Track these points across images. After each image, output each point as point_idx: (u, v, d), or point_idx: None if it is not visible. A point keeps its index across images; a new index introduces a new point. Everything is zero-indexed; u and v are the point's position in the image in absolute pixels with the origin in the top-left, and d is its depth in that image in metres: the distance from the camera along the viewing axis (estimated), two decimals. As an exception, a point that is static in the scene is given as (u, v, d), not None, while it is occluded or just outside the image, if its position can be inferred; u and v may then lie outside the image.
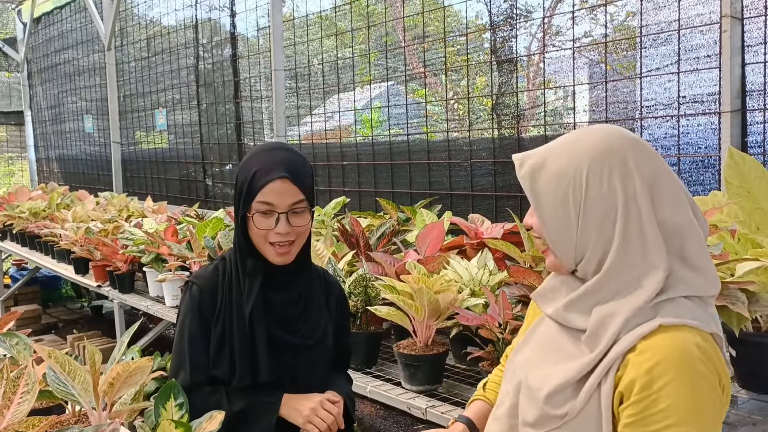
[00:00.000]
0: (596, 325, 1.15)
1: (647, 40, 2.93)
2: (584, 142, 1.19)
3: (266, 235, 1.64)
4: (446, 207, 3.77)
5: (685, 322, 1.11)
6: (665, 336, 1.09)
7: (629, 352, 1.11)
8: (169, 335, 6.54)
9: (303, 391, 1.75)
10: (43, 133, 9.68)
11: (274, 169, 1.61)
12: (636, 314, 1.12)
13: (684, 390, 1.06)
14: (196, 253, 3.56)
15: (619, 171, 1.15)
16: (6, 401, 1.37)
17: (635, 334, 1.11)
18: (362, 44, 4.68)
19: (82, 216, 5.18)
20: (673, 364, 1.07)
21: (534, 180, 1.20)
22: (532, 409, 1.20)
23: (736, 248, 2.08)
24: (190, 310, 1.71)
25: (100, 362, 1.52)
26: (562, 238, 1.19)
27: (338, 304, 1.89)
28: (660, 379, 1.07)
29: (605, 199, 1.15)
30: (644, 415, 1.08)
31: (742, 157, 2.15)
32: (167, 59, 6.71)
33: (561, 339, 1.23)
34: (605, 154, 1.16)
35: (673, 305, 1.13)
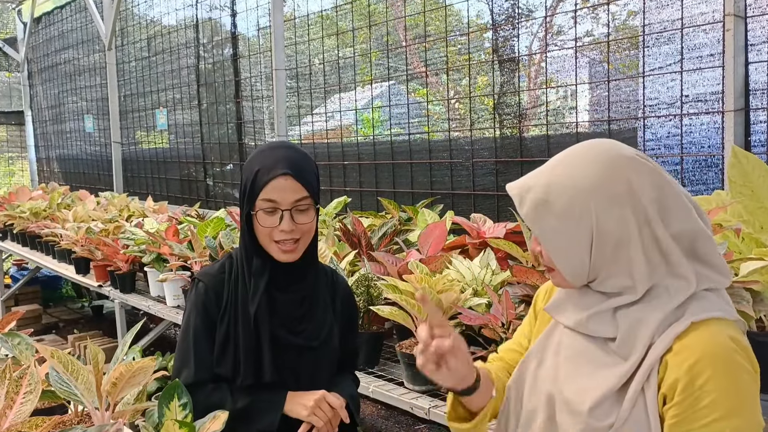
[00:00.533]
0: (627, 331, 1.16)
1: (650, 39, 2.92)
2: (584, 172, 1.18)
3: (271, 233, 1.63)
4: (448, 206, 3.77)
5: (714, 314, 1.14)
6: (699, 333, 1.12)
7: (666, 354, 1.13)
8: (169, 335, 6.54)
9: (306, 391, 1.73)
10: (44, 133, 9.68)
11: (276, 166, 1.61)
12: (666, 318, 1.14)
13: (725, 383, 1.08)
14: (198, 253, 3.56)
15: (626, 201, 1.15)
16: (9, 401, 1.37)
17: (669, 335, 1.13)
18: (363, 44, 4.67)
19: (83, 216, 5.18)
20: (711, 360, 1.09)
21: (539, 217, 1.20)
22: (575, 423, 1.19)
23: (740, 247, 2.07)
24: (196, 307, 1.71)
25: (103, 362, 1.51)
26: (573, 267, 1.20)
27: (345, 304, 1.87)
28: (701, 376, 1.09)
29: (618, 230, 1.16)
30: (690, 413, 1.10)
31: (746, 156, 2.14)
32: (168, 59, 6.71)
33: (589, 349, 1.22)
34: (610, 186, 1.16)
35: (698, 300, 1.16)
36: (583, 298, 1.24)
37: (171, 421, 1.27)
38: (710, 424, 1.08)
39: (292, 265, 1.70)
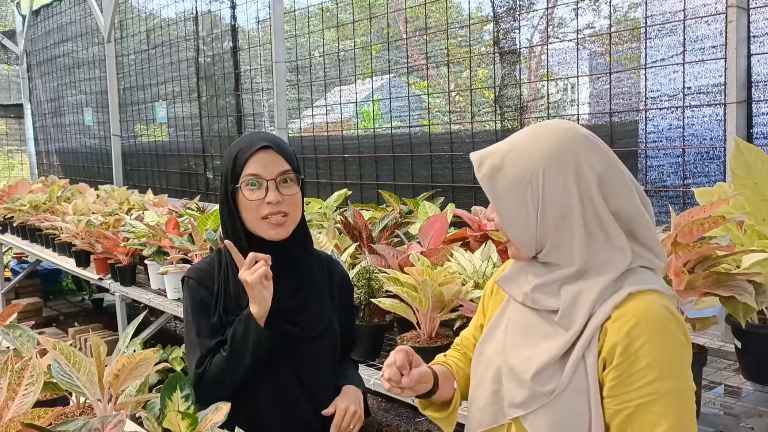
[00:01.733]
0: (568, 303, 1.23)
1: (652, 31, 2.91)
2: (539, 144, 1.25)
3: (258, 207, 1.61)
4: (448, 199, 3.77)
5: (650, 287, 1.21)
6: (636, 301, 1.19)
7: (605, 321, 1.20)
8: (170, 328, 6.54)
9: (307, 383, 1.72)
10: (43, 126, 9.66)
11: (256, 143, 1.62)
12: (605, 289, 1.21)
13: (659, 347, 1.16)
14: (198, 245, 3.55)
15: (573, 171, 1.22)
16: (11, 393, 1.37)
17: (609, 305, 1.20)
18: (363, 36, 4.66)
19: (83, 209, 5.17)
20: (647, 326, 1.16)
21: (493, 182, 1.26)
22: (519, 390, 1.25)
23: (743, 240, 2.07)
24: (192, 301, 1.70)
25: (105, 354, 1.51)
26: (521, 234, 1.27)
27: (342, 290, 1.85)
28: (638, 340, 1.16)
29: (562, 199, 1.22)
30: (627, 375, 1.16)
31: (749, 148, 2.14)
32: (167, 52, 6.69)
33: (535, 322, 1.29)
34: (559, 156, 1.23)
35: (635, 274, 1.23)
36: (531, 272, 1.30)
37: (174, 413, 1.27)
38: (645, 385, 1.15)
39: (283, 249, 1.66)
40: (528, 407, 1.23)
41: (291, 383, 1.70)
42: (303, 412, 1.72)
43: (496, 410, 1.31)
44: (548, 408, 1.22)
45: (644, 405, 1.16)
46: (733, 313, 1.90)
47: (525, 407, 1.24)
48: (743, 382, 2.10)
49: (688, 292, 1.87)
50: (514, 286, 1.34)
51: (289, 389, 1.70)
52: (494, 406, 1.31)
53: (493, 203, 1.29)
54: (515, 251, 1.32)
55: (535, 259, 1.30)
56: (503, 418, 1.30)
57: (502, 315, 1.39)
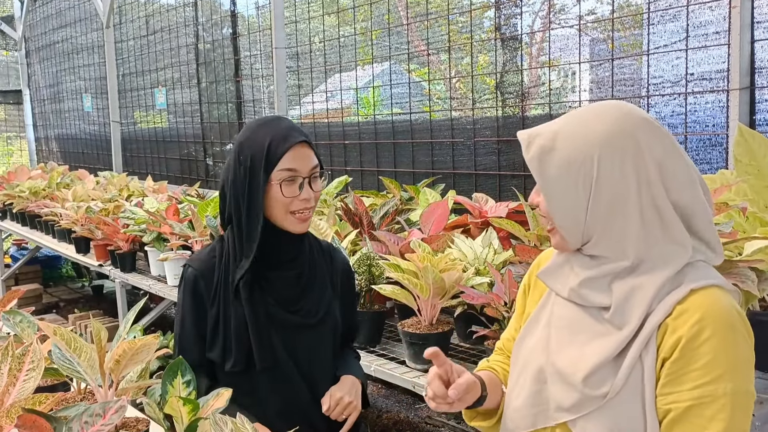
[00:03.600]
0: (622, 300, 1.14)
1: (655, 17, 2.89)
2: (595, 125, 1.16)
3: (291, 203, 1.61)
4: (449, 186, 3.76)
5: (713, 282, 1.13)
6: (700, 297, 1.11)
7: (666, 318, 1.12)
8: (170, 315, 6.54)
9: (307, 371, 1.72)
10: (42, 112, 9.62)
11: (291, 135, 1.59)
12: (664, 285, 1.13)
13: (724, 346, 1.08)
14: (198, 232, 3.55)
15: (631, 156, 1.13)
16: (12, 378, 1.36)
17: (669, 301, 1.12)
18: (364, 22, 4.63)
19: (83, 195, 5.16)
20: (713, 320, 1.08)
21: (542, 163, 1.18)
22: (568, 393, 1.18)
23: (745, 226, 2.07)
24: (185, 293, 1.71)
25: (106, 339, 1.50)
26: (570, 221, 1.18)
27: (344, 278, 1.86)
28: (702, 334, 1.08)
29: (618, 185, 1.14)
30: (683, 372, 1.09)
31: (752, 135, 2.13)
32: (166, 38, 6.65)
33: (582, 319, 1.20)
34: (617, 139, 1.14)
35: (695, 269, 1.15)
36: (577, 265, 1.22)
37: (175, 398, 1.26)
38: (700, 386, 1.08)
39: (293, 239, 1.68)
40: (578, 411, 1.16)
41: (290, 371, 1.70)
42: (302, 399, 1.72)
43: (537, 412, 1.24)
44: (600, 412, 1.14)
45: (696, 407, 1.08)
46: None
47: (575, 411, 1.17)
48: (744, 369, 2.10)
49: (689, 279, 1.87)
50: (557, 280, 1.25)
51: (288, 377, 1.70)
52: (535, 407, 1.24)
53: (540, 186, 1.20)
54: (559, 240, 1.23)
55: (580, 250, 1.22)
56: (546, 421, 1.22)
57: (543, 309, 1.31)
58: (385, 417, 4.20)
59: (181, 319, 1.70)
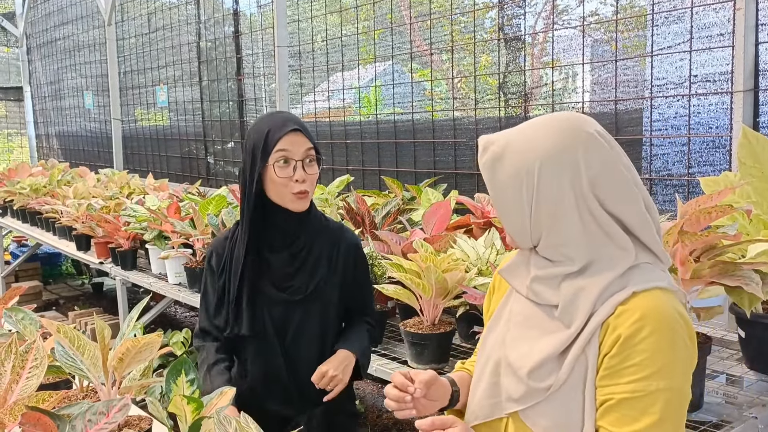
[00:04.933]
0: (568, 299, 1.20)
1: (659, 18, 2.89)
2: (540, 139, 1.21)
3: (286, 184, 1.80)
4: (451, 186, 3.75)
5: (656, 284, 1.18)
6: (641, 298, 1.16)
7: (608, 318, 1.17)
8: (170, 313, 6.55)
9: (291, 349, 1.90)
10: (43, 109, 9.62)
11: (286, 124, 1.80)
12: (608, 287, 1.18)
13: (660, 345, 1.13)
14: (199, 230, 3.54)
15: (568, 171, 1.18)
16: (15, 376, 1.36)
17: (612, 302, 1.17)
18: (366, 21, 4.62)
19: (84, 193, 5.16)
20: (652, 320, 1.13)
21: (492, 171, 1.24)
22: (516, 385, 1.25)
23: (748, 229, 2.06)
24: (205, 266, 2.01)
25: (110, 337, 1.50)
26: (516, 226, 1.25)
27: (348, 258, 1.99)
28: (641, 332, 1.13)
29: (556, 198, 1.19)
30: (619, 368, 1.14)
31: (756, 137, 2.13)
32: (168, 35, 6.64)
33: (535, 316, 1.27)
34: (558, 156, 1.19)
35: (640, 271, 1.20)
36: (533, 263, 1.27)
37: (179, 397, 1.26)
38: (633, 382, 1.13)
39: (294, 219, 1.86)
40: (525, 402, 1.23)
41: (272, 343, 1.89)
42: (280, 370, 1.91)
43: (494, 403, 1.30)
44: (546, 403, 1.21)
45: (629, 400, 1.14)
46: (739, 302, 1.90)
47: (522, 402, 1.23)
48: (746, 372, 2.10)
49: (693, 281, 1.87)
50: (515, 277, 1.32)
51: (270, 349, 1.90)
52: (492, 398, 1.30)
53: (489, 191, 1.28)
54: (511, 241, 1.31)
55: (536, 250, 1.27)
56: (500, 411, 1.29)
57: (505, 306, 1.37)
58: (385, 417, 4.20)
59: (203, 292, 2.01)
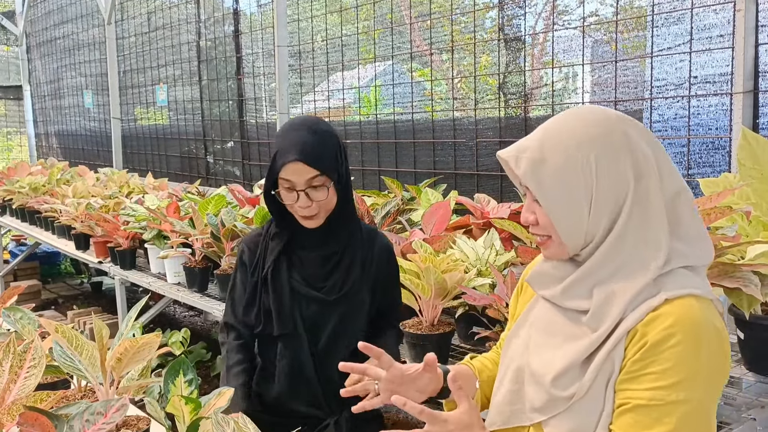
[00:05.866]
0: (599, 304, 1.15)
1: (659, 19, 2.88)
2: (582, 128, 1.16)
3: (291, 207, 1.83)
4: (451, 186, 3.75)
5: (689, 291, 1.12)
6: (673, 305, 1.11)
7: (637, 324, 1.12)
8: (169, 313, 6.54)
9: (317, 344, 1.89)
10: (42, 108, 9.61)
11: (289, 152, 1.77)
12: (641, 292, 1.13)
13: (685, 355, 1.07)
14: (199, 230, 3.54)
15: (624, 153, 1.14)
16: (13, 375, 1.36)
17: (642, 309, 1.12)
18: (366, 21, 4.62)
19: (83, 192, 5.15)
20: (681, 329, 1.08)
21: (537, 176, 1.17)
22: (539, 394, 1.21)
23: (748, 230, 2.06)
24: (236, 262, 2.01)
25: (108, 337, 1.50)
26: (572, 227, 1.17)
27: (380, 262, 1.99)
28: (671, 339, 1.08)
29: (618, 185, 1.14)
30: (639, 374, 1.10)
31: (756, 139, 2.12)
32: (168, 34, 6.64)
33: (560, 322, 1.22)
34: (607, 139, 1.15)
35: (674, 276, 1.14)
36: (559, 270, 1.24)
37: (177, 397, 1.26)
38: (655, 389, 1.08)
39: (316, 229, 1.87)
40: (548, 412, 1.18)
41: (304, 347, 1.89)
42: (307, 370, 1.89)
43: (513, 410, 1.26)
44: (568, 413, 1.16)
45: (645, 407, 1.09)
46: (737, 304, 1.90)
47: (545, 412, 1.19)
48: (745, 373, 2.10)
49: (692, 282, 1.86)
50: (543, 284, 1.27)
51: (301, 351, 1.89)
52: (512, 405, 1.27)
53: (539, 198, 1.18)
54: (556, 250, 1.22)
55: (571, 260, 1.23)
56: (522, 420, 1.25)
57: (529, 312, 1.33)
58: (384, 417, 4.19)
59: (231, 286, 2.01)
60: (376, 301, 1.98)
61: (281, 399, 1.91)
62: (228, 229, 3.32)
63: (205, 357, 4.85)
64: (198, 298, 3.57)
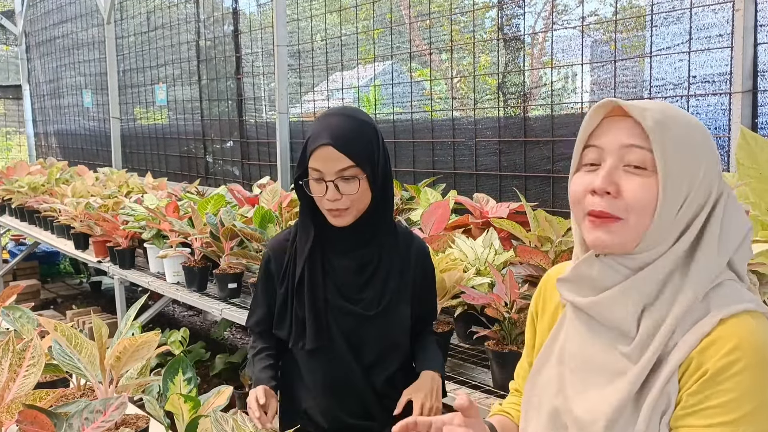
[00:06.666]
0: (647, 332, 1.01)
1: (658, 19, 2.89)
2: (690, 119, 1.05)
3: (320, 200, 1.65)
4: (450, 186, 3.75)
5: (744, 307, 0.98)
6: (731, 326, 0.97)
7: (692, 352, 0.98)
8: (168, 312, 6.54)
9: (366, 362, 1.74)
10: (42, 108, 9.60)
11: (321, 135, 1.61)
12: (689, 310, 1.00)
13: (753, 384, 0.94)
14: (198, 229, 3.54)
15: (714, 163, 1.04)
16: (12, 374, 1.36)
17: (696, 334, 0.98)
18: (365, 20, 4.62)
19: (82, 191, 5.16)
20: (746, 354, 0.94)
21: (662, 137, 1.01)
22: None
23: (746, 230, 2.06)
24: (261, 271, 1.84)
25: (107, 336, 1.50)
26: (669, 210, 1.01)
27: (417, 270, 1.82)
28: (734, 366, 0.94)
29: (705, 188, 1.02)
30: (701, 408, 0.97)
31: (754, 138, 2.13)
32: (167, 34, 6.64)
33: (598, 355, 1.07)
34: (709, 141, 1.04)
35: (724, 290, 1.01)
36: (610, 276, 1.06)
37: (176, 395, 1.26)
38: (717, 425, 0.95)
39: (349, 230, 1.69)
40: None
41: (347, 361, 1.73)
42: (360, 391, 1.74)
43: None
44: None
45: None
46: (736, 303, 1.89)
47: None
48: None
49: (691, 281, 1.86)
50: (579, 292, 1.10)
51: (345, 368, 1.73)
52: None
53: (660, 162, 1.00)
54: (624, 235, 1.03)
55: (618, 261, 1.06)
56: None
57: (555, 341, 1.17)
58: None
59: (256, 292, 1.86)
60: (416, 310, 1.82)
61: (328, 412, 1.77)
62: (227, 229, 3.33)
63: (204, 356, 4.85)
64: (197, 297, 3.57)
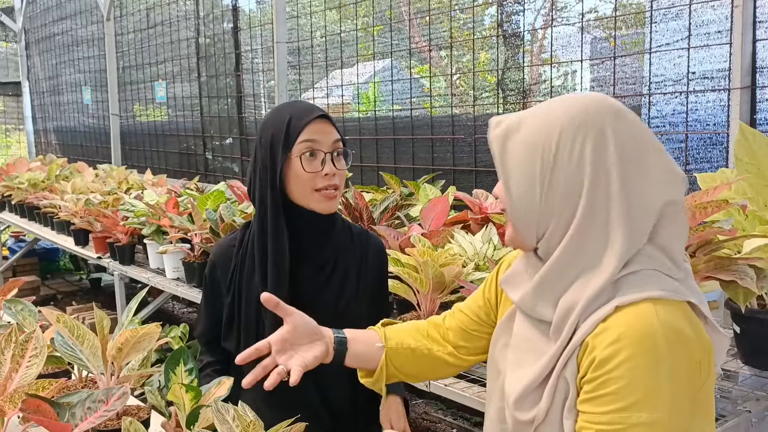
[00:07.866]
0: (560, 316, 1.05)
1: (657, 15, 2.90)
2: (562, 107, 1.07)
3: (313, 180, 1.56)
4: (449, 182, 3.76)
5: (648, 295, 1.00)
6: (623, 314, 0.99)
7: (588, 336, 1.02)
8: (168, 308, 6.56)
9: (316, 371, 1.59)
10: (41, 105, 9.60)
11: (312, 110, 1.57)
12: (596, 297, 1.02)
13: (641, 371, 0.96)
14: (198, 225, 3.55)
15: (593, 140, 1.03)
16: (14, 365, 1.37)
17: (593, 319, 1.01)
18: (365, 17, 4.63)
19: (82, 188, 5.16)
20: (631, 342, 0.97)
21: (504, 143, 1.09)
22: (508, 416, 1.12)
23: (744, 224, 2.08)
24: (205, 279, 1.77)
25: (108, 328, 1.51)
26: (524, 208, 1.08)
27: (374, 267, 1.77)
28: (619, 355, 0.97)
29: (574, 170, 1.03)
30: (595, 396, 1.00)
31: (753, 134, 2.14)
32: (167, 31, 6.64)
33: (534, 336, 1.12)
34: (581, 120, 1.04)
35: (636, 278, 1.03)
36: (529, 269, 1.12)
37: (178, 385, 1.27)
38: (613, 411, 0.97)
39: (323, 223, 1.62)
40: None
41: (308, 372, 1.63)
42: (309, 401, 1.66)
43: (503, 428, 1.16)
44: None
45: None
46: (734, 297, 1.91)
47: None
48: (741, 367, 2.11)
49: (689, 275, 1.88)
50: (515, 287, 1.16)
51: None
52: (501, 423, 1.17)
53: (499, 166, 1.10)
54: (512, 234, 1.12)
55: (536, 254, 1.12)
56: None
57: (509, 320, 1.21)
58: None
59: (202, 303, 1.79)
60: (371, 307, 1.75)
61: None
62: (227, 225, 3.33)
63: (204, 352, 4.86)
64: (197, 293, 3.57)
